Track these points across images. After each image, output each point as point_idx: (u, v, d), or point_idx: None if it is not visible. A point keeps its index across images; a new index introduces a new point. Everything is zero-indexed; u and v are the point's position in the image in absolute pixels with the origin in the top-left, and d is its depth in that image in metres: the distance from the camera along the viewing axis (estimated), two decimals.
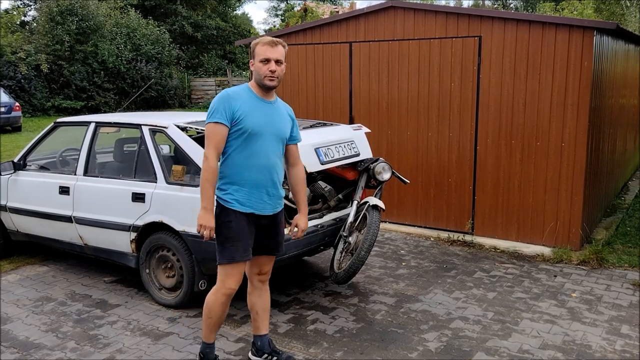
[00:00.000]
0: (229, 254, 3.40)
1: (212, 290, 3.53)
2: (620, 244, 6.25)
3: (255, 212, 3.44)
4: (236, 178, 3.39)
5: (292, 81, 7.60)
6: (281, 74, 3.43)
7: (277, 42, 3.38)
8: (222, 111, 3.30)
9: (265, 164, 3.42)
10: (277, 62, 3.38)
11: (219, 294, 3.48)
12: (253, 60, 3.41)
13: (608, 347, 4.00)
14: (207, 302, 3.54)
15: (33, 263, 5.82)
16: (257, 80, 3.41)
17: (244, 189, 3.39)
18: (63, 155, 5.91)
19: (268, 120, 3.43)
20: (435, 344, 4.04)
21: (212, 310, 3.52)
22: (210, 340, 3.65)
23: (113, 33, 25.11)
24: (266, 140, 3.41)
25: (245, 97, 3.40)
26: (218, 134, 3.30)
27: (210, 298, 3.53)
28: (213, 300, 3.51)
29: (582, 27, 5.66)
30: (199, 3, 33.74)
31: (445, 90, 6.47)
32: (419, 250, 6.16)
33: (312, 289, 5.10)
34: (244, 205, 3.40)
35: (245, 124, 3.33)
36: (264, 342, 3.77)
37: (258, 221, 3.48)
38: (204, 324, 3.60)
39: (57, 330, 4.32)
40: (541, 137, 5.97)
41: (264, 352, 3.76)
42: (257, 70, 3.39)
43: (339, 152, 4.77)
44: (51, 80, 22.91)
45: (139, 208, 4.68)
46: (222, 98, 3.36)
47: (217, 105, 3.33)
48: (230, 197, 3.38)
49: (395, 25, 6.72)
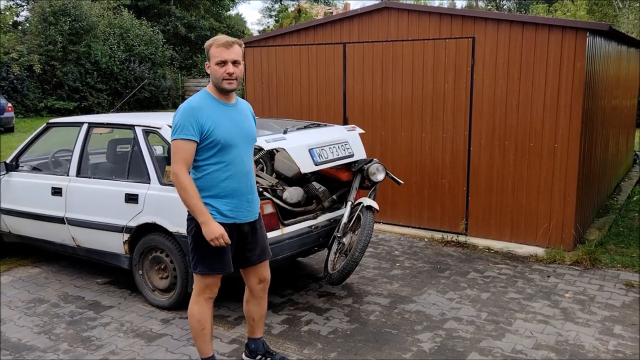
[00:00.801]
0: (210, 265, 3.33)
1: (193, 301, 3.44)
2: (613, 245, 6.28)
3: (237, 221, 3.37)
4: (215, 190, 3.29)
5: (286, 82, 7.59)
6: (240, 75, 3.30)
7: (233, 42, 3.24)
8: (190, 127, 3.16)
9: (242, 171, 3.36)
10: (235, 63, 3.24)
11: (201, 302, 3.41)
12: (209, 63, 3.27)
13: (601, 347, 4.02)
14: (193, 315, 3.43)
15: (25, 265, 5.78)
16: (216, 83, 3.28)
17: (224, 199, 3.31)
18: (56, 156, 5.88)
19: (237, 126, 3.33)
20: (429, 345, 4.05)
21: (202, 320, 3.42)
22: (210, 353, 3.52)
23: (106, 33, 25.02)
24: (240, 147, 3.34)
25: (209, 105, 3.26)
26: (187, 150, 3.18)
27: (195, 309, 3.42)
28: (199, 310, 3.41)
29: (575, 29, 5.68)
30: (192, 3, 33.69)
31: (438, 91, 6.49)
32: (413, 251, 6.17)
33: (306, 290, 5.09)
34: (226, 216, 3.32)
35: (216, 136, 3.22)
36: (258, 344, 3.76)
37: (240, 229, 3.42)
38: (199, 338, 3.46)
39: (49, 332, 4.29)
40: (534, 138, 5.99)
41: (257, 354, 3.75)
42: (214, 74, 3.25)
43: (333, 153, 4.77)
44: (44, 80, 22.80)
45: (132, 209, 4.66)
46: (186, 112, 3.19)
47: (183, 121, 3.17)
48: (211, 209, 3.27)
49: (389, 26, 6.73)
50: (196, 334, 3.46)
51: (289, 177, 4.90)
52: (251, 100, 7.96)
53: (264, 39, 7.75)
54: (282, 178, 4.94)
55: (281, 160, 4.98)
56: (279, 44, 7.59)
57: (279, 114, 7.66)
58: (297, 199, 4.66)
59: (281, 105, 7.69)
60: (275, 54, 7.62)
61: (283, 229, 4.43)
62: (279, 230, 4.41)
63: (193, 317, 3.43)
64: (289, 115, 7.54)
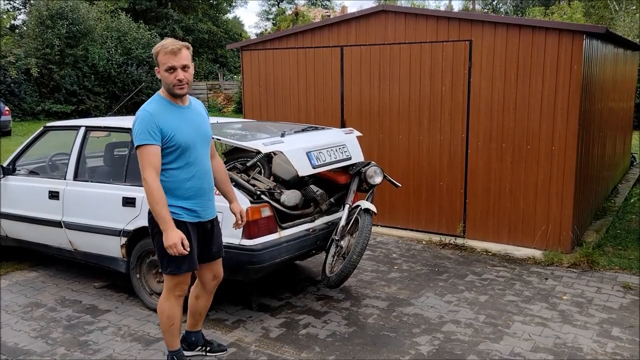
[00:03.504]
0: (179, 265, 3.43)
1: (162, 299, 3.57)
2: (610, 247, 6.29)
3: (202, 220, 3.51)
4: (180, 191, 3.40)
5: (283, 85, 7.60)
6: (190, 79, 3.37)
7: (181, 47, 3.29)
8: (151, 132, 3.22)
9: (203, 170, 3.49)
10: (184, 68, 3.30)
11: (172, 299, 3.54)
12: (158, 69, 3.34)
13: (599, 349, 4.02)
14: (163, 311, 3.55)
15: (22, 269, 5.77)
16: (168, 89, 3.35)
17: (190, 200, 3.43)
18: (53, 159, 5.87)
19: (193, 127, 3.42)
20: (427, 348, 4.04)
21: (172, 316, 3.56)
22: (177, 346, 3.68)
23: (104, 37, 25.03)
24: (198, 148, 3.44)
25: (166, 111, 3.33)
26: (153, 155, 3.24)
27: (165, 305, 3.55)
28: (169, 307, 3.54)
29: (571, 31, 5.70)
30: (190, 7, 33.74)
31: (436, 94, 6.49)
32: (410, 254, 6.17)
33: (304, 293, 5.08)
34: (193, 215, 3.45)
35: (176, 141, 3.31)
36: (199, 336, 3.93)
37: (204, 227, 3.55)
38: (167, 333, 3.61)
39: (46, 336, 4.28)
40: (531, 140, 6.00)
41: (197, 345, 3.90)
42: (164, 80, 3.32)
43: (331, 156, 4.77)
44: (41, 84, 22.78)
45: (130, 213, 4.65)
46: (145, 119, 3.24)
47: (143, 128, 3.22)
48: (179, 210, 3.40)
49: (387, 29, 6.74)
50: (165, 328, 3.61)
51: (287, 180, 4.90)
52: (248, 103, 7.96)
53: (262, 42, 7.76)
54: (280, 181, 4.94)
55: (279, 163, 4.98)
56: (276, 47, 7.60)
57: (277, 117, 7.67)
58: (295, 202, 4.65)
59: (279, 108, 7.69)
60: (273, 57, 7.62)
61: (281, 232, 4.43)
62: (277, 233, 4.40)
63: (163, 314, 3.57)
64: (287, 118, 7.55)
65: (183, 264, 3.43)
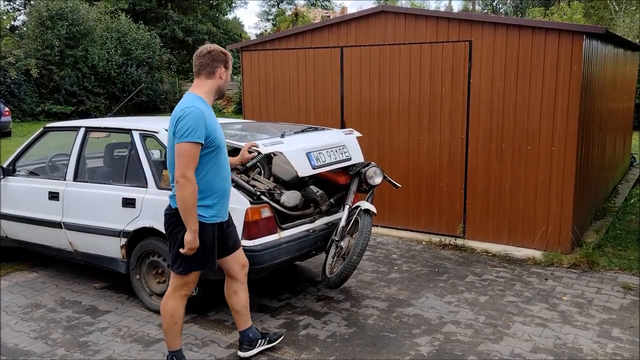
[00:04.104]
0: (197, 265, 3.47)
1: (167, 297, 3.57)
2: (610, 247, 6.29)
3: (222, 220, 3.58)
4: (210, 192, 3.45)
5: (283, 86, 7.60)
6: None
7: None
8: (201, 131, 3.26)
9: (228, 172, 3.59)
10: None
11: (177, 298, 3.55)
12: (224, 70, 3.46)
13: (599, 350, 4.01)
14: (166, 311, 3.56)
15: (22, 269, 5.76)
16: (222, 90, 3.50)
17: (218, 201, 3.49)
18: (53, 160, 5.87)
19: (220, 129, 3.51)
20: (428, 348, 4.04)
21: (175, 315, 3.56)
22: (178, 346, 3.67)
23: (103, 37, 25.04)
24: (224, 149, 3.53)
25: (208, 111, 3.40)
26: (196, 154, 3.28)
27: (168, 305, 3.55)
28: (174, 306, 3.55)
29: (571, 32, 5.70)
30: (190, 8, 33.75)
31: (436, 94, 6.49)
32: (410, 255, 6.16)
33: (304, 294, 5.08)
34: (218, 217, 3.52)
35: (216, 142, 3.40)
36: (255, 332, 3.92)
37: (221, 226, 3.60)
38: (169, 332, 3.60)
39: (46, 337, 4.28)
40: (531, 141, 6.00)
41: (257, 339, 3.90)
42: (226, 82, 3.49)
43: (331, 157, 4.76)
44: (41, 85, 22.79)
45: (130, 213, 4.65)
46: (198, 117, 3.27)
47: (196, 125, 3.24)
48: (207, 212, 3.44)
49: (386, 29, 6.74)
50: (168, 327, 3.59)
51: (287, 181, 4.90)
52: (248, 103, 7.96)
53: (262, 43, 7.76)
54: (280, 182, 4.94)
55: (279, 164, 4.98)
56: (276, 48, 7.60)
57: (277, 118, 7.66)
58: (295, 202, 4.65)
59: (278, 109, 7.69)
60: (273, 57, 7.62)
61: (281, 233, 4.43)
62: (277, 234, 4.40)
63: (167, 313, 3.57)
64: (287, 119, 7.55)
65: (205, 264, 3.49)
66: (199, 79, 3.46)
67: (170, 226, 3.47)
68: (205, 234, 3.43)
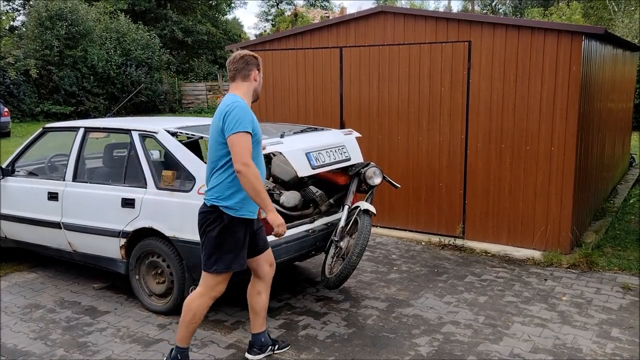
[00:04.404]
0: (229, 263, 3.48)
1: (197, 295, 3.56)
2: (610, 247, 6.29)
3: (254, 218, 3.59)
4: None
5: (282, 86, 7.60)
6: None
7: None
8: (248, 121, 3.37)
9: (263, 170, 3.63)
10: None
11: (205, 298, 3.55)
12: (257, 72, 3.56)
13: (598, 350, 4.02)
14: (190, 307, 3.56)
15: (21, 270, 5.76)
16: (258, 91, 3.62)
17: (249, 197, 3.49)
18: (52, 160, 5.87)
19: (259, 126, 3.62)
20: (427, 349, 4.04)
21: (196, 315, 3.56)
22: (187, 344, 3.67)
23: (103, 38, 25.02)
24: (260, 149, 3.62)
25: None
26: (250, 143, 3.36)
27: (195, 302, 3.55)
28: (198, 305, 3.55)
29: (570, 32, 5.70)
30: (189, 8, 33.73)
31: (435, 94, 6.50)
32: (410, 255, 6.17)
33: (304, 294, 5.08)
34: (253, 212, 3.54)
35: (258, 136, 3.50)
36: (267, 337, 3.94)
37: (254, 224, 3.63)
38: (185, 328, 3.59)
39: (45, 337, 4.27)
40: (531, 141, 6.00)
41: (267, 345, 3.91)
42: (260, 84, 3.62)
43: (330, 157, 4.77)
44: (40, 85, 22.77)
45: (129, 214, 4.65)
46: (246, 109, 3.40)
47: (246, 116, 3.37)
48: (241, 207, 3.45)
49: (386, 30, 6.74)
50: (186, 324, 3.58)
51: (286, 181, 4.90)
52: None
53: (261, 43, 7.76)
54: (279, 182, 4.94)
55: (278, 164, 4.98)
56: (275, 48, 7.60)
57: (276, 118, 7.66)
58: (294, 203, 4.65)
59: (278, 109, 7.69)
60: (272, 58, 7.62)
61: None
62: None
63: (190, 310, 3.55)
64: (286, 119, 7.54)
65: (236, 262, 3.50)
66: (236, 83, 3.56)
67: (204, 224, 3.48)
68: (235, 229, 3.45)
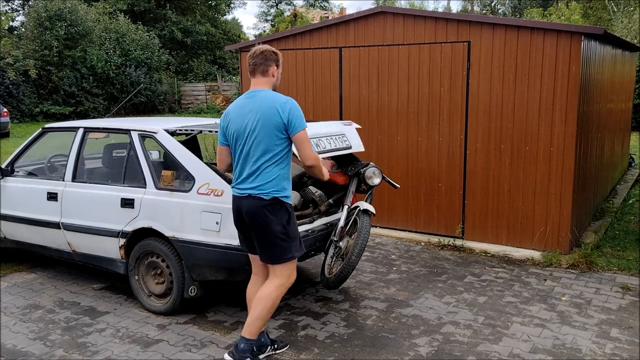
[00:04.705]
0: (298, 247, 3.62)
1: (276, 286, 3.60)
2: (609, 248, 6.30)
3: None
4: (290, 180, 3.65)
5: (282, 86, 7.56)
6: None
7: None
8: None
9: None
10: None
11: (282, 288, 3.63)
12: (276, 68, 3.65)
13: (598, 350, 4.02)
14: (272, 298, 3.58)
15: (21, 270, 5.76)
16: (276, 87, 3.70)
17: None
18: (51, 161, 5.86)
19: None
20: (427, 349, 4.04)
21: (275, 305, 3.62)
22: (256, 336, 3.67)
23: (102, 38, 25.02)
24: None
25: None
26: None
27: (275, 293, 3.60)
28: (277, 295, 3.61)
29: (569, 33, 5.71)
30: (188, 8, 33.74)
31: (434, 95, 6.50)
32: (409, 255, 6.17)
33: (303, 295, 5.08)
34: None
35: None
36: (266, 337, 3.93)
37: None
38: (262, 320, 3.61)
39: (45, 338, 4.27)
40: (530, 141, 6.01)
41: (267, 345, 3.91)
42: (279, 78, 3.70)
43: (331, 144, 4.73)
44: (39, 85, 22.77)
45: (128, 214, 4.65)
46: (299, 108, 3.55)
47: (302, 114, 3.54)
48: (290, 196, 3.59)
49: (385, 30, 6.74)
50: (265, 315, 3.60)
51: None
52: None
53: (260, 44, 7.75)
54: None
55: None
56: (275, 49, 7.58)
57: None
58: (294, 203, 4.65)
59: None
60: None
61: None
62: None
63: (270, 301, 3.59)
64: None
65: (300, 246, 3.66)
66: (255, 78, 3.64)
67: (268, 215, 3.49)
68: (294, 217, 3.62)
